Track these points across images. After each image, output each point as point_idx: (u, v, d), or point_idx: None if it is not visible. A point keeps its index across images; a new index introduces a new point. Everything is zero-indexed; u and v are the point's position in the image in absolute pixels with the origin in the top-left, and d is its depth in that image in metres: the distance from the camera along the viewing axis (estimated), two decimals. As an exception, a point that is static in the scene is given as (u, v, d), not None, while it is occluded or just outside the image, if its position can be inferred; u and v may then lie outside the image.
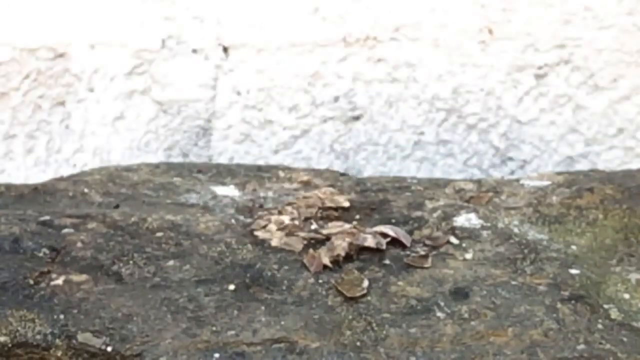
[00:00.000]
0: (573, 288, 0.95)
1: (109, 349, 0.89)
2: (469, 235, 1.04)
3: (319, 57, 1.33)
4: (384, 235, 1.03)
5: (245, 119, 1.34)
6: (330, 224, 1.05)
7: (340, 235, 1.02)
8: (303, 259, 0.99)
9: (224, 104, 1.35)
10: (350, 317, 0.92)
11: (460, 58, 1.32)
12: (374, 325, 0.91)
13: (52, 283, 0.97)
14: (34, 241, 1.03)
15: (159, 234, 1.05)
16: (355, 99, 1.33)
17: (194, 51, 1.34)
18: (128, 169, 1.25)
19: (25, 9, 1.33)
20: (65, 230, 1.05)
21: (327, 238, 1.03)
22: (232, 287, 0.96)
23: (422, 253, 1.01)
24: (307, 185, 1.16)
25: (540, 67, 1.32)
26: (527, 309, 0.92)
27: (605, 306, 0.93)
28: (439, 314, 0.92)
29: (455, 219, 1.07)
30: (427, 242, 1.03)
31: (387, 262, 0.99)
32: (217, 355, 0.87)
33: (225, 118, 1.34)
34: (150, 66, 1.35)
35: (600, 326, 0.90)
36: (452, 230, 1.05)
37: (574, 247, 1.02)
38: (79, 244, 1.02)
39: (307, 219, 1.06)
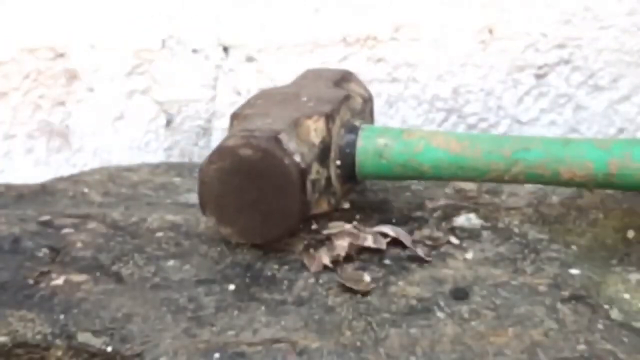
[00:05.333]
0: (573, 288, 0.95)
1: (109, 349, 0.89)
2: (469, 235, 1.04)
3: (319, 57, 1.33)
4: (384, 235, 1.03)
5: (245, 119, 1.34)
6: (330, 224, 1.05)
7: (341, 235, 1.02)
8: (303, 259, 0.99)
9: (224, 104, 1.35)
10: (350, 317, 0.91)
11: (460, 58, 1.32)
12: (374, 325, 0.90)
13: (52, 283, 0.97)
14: (34, 241, 1.03)
15: (159, 234, 1.05)
16: (355, 99, 1.33)
17: (194, 51, 1.34)
18: (128, 169, 1.25)
19: (25, 9, 1.33)
20: (65, 230, 1.05)
21: (328, 238, 1.02)
22: (232, 287, 0.96)
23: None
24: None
25: (540, 67, 1.32)
26: (527, 309, 0.92)
27: (605, 306, 0.93)
28: (439, 314, 0.92)
29: (455, 219, 1.07)
30: (427, 242, 1.03)
31: (387, 262, 0.99)
32: (217, 355, 0.87)
33: (225, 118, 1.34)
34: (150, 66, 1.35)
35: (600, 326, 0.90)
36: (452, 230, 1.05)
37: (574, 247, 1.02)
38: (79, 244, 1.02)
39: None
